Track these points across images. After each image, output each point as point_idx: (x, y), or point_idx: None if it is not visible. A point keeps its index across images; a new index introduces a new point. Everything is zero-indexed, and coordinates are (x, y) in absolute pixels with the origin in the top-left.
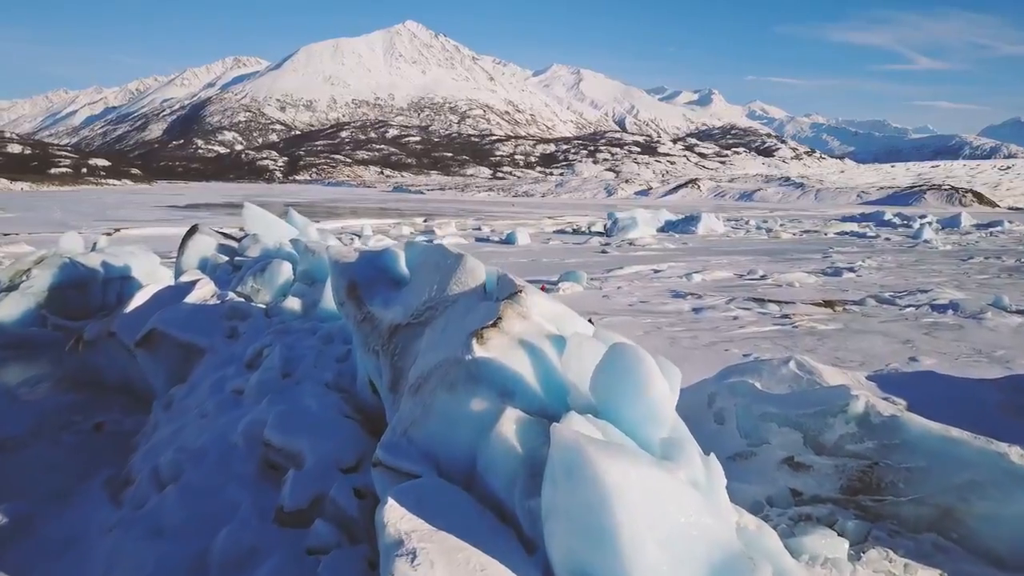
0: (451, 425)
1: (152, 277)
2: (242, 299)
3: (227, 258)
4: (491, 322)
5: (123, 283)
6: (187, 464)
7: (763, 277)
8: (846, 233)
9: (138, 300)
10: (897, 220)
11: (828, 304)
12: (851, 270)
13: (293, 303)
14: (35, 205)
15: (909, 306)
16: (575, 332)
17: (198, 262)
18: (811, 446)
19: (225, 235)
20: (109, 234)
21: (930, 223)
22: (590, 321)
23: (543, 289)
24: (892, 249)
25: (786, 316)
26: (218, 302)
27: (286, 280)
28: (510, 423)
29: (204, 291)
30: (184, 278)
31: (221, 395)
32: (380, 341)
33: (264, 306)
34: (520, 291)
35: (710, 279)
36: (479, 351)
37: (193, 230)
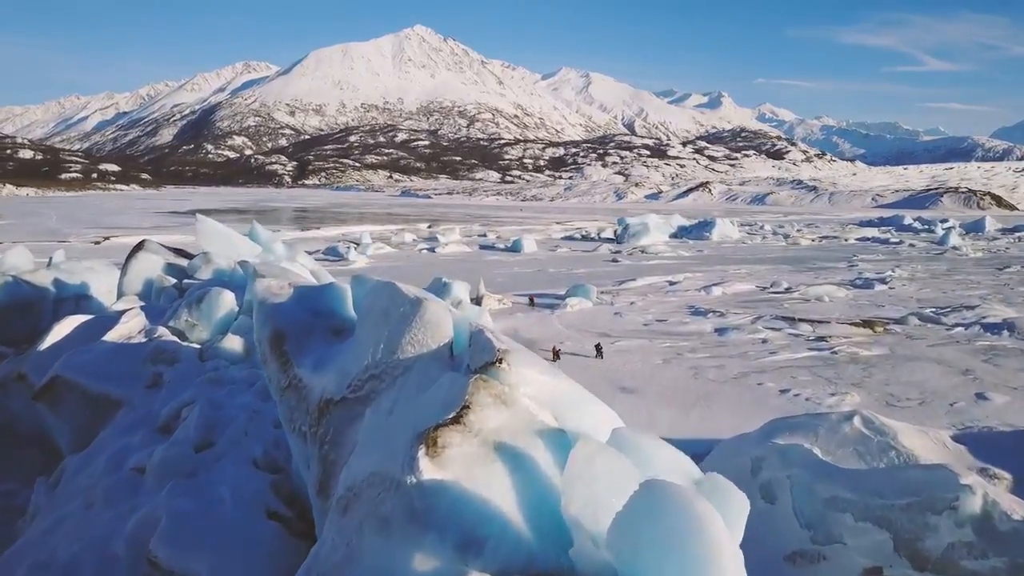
0: None
1: (114, 295)
2: (174, 336)
3: (175, 280)
4: (451, 415)
5: (78, 303)
6: None
7: (788, 290)
8: (868, 239)
9: (56, 335)
10: (918, 224)
11: (867, 324)
12: (882, 281)
13: (233, 343)
14: (35, 211)
15: (957, 325)
16: (583, 438)
17: (142, 285)
18: (906, 554)
19: (177, 252)
20: (98, 242)
21: (954, 228)
22: (600, 350)
23: (531, 301)
24: (920, 257)
25: (822, 339)
26: (144, 340)
27: (227, 313)
28: None
29: (130, 326)
30: (118, 306)
31: (117, 475)
32: (308, 419)
33: (199, 346)
34: (501, 360)
35: (731, 292)
36: (428, 470)
37: (139, 247)
